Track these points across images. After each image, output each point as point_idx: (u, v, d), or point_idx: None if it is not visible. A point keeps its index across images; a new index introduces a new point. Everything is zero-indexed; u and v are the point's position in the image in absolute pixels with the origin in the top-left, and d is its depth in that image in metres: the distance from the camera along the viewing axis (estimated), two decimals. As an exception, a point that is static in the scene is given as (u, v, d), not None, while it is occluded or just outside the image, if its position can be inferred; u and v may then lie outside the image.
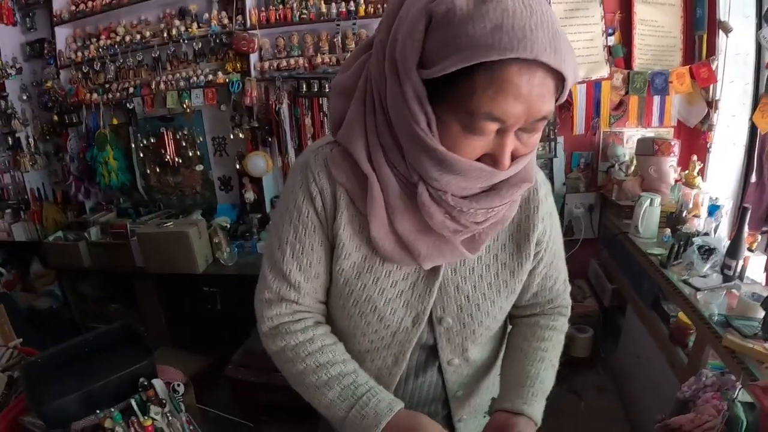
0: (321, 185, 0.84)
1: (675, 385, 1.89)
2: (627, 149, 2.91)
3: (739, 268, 2.11)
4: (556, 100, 0.69)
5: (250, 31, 2.99)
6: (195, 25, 3.09)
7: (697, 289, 2.01)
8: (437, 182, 0.74)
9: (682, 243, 2.32)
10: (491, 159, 0.70)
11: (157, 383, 1.32)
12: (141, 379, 1.34)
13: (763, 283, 2.18)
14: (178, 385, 1.34)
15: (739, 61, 2.74)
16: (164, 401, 1.26)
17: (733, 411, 1.42)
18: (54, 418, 1.25)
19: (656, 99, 2.87)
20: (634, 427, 2.55)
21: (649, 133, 2.95)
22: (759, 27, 2.68)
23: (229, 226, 3.21)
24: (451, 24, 0.62)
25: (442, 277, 0.90)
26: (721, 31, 2.72)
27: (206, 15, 3.10)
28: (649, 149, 2.61)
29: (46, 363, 1.45)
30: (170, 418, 1.22)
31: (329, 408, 0.87)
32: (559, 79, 0.65)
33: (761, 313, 1.68)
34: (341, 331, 0.97)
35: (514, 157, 0.72)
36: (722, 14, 2.70)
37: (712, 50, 2.80)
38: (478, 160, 0.71)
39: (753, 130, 2.69)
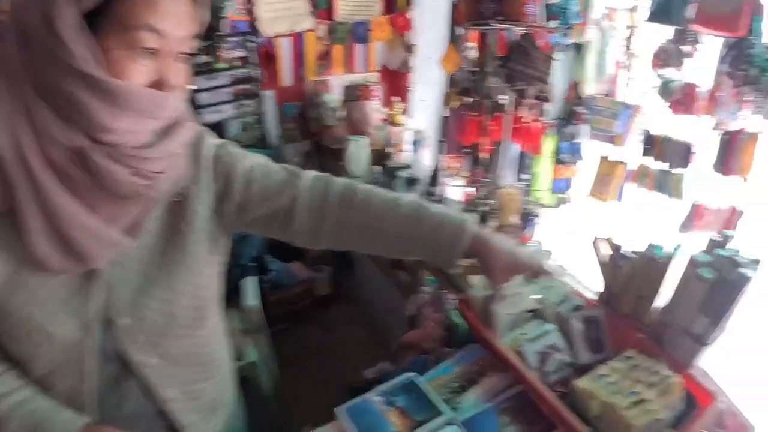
0: None
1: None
2: (335, 96, 3.04)
3: (440, 193, 2.32)
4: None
5: None
6: None
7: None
8: (109, 133, 0.69)
9: (388, 178, 2.48)
10: (158, 84, 0.71)
11: None
12: None
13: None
14: None
15: (436, 11, 3.03)
16: None
17: (450, 319, 1.58)
18: None
19: (359, 47, 3.04)
20: (385, 351, 2.69)
21: (356, 78, 3.11)
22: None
23: None
24: None
25: (102, 274, 0.80)
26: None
27: None
28: (352, 95, 2.76)
29: None
30: None
31: None
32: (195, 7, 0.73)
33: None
34: (17, 360, 0.83)
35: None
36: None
37: (409, 2, 3.05)
38: None
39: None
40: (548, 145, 3.92)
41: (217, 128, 2.83)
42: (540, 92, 2.18)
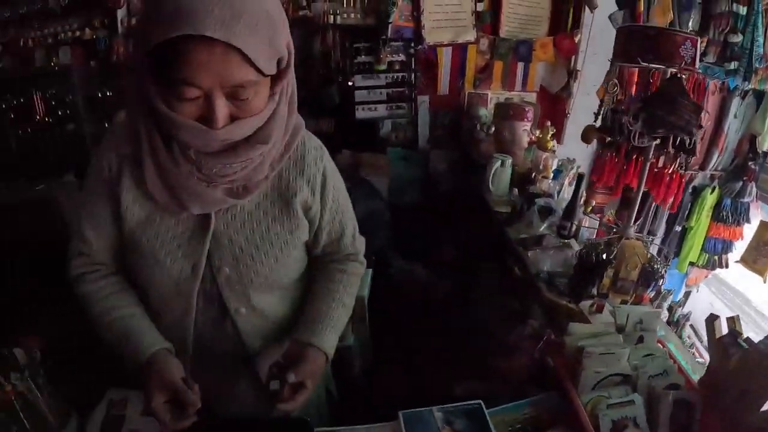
0: (110, 158, 0.97)
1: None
2: (489, 111, 2.98)
3: (573, 229, 2.15)
4: (261, 70, 0.79)
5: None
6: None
7: (526, 247, 2.11)
8: (178, 139, 0.86)
9: (526, 203, 2.37)
10: (204, 120, 0.81)
11: (17, 352, 1.29)
12: (0, 349, 1.33)
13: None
14: (35, 352, 1.31)
15: (604, 36, 2.79)
16: (23, 366, 1.21)
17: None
18: None
19: (520, 65, 2.95)
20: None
21: (513, 96, 3.00)
22: (619, 6, 2.76)
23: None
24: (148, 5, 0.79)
25: (213, 230, 0.99)
26: (586, 7, 2.81)
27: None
28: (505, 114, 2.67)
29: None
30: (30, 382, 1.15)
31: (112, 345, 1.00)
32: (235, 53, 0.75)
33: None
34: (140, 287, 1.07)
35: (234, 119, 0.83)
36: (590, -9, 2.78)
37: (577, 24, 2.91)
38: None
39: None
40: (709, 199, 3.46)
41: (370, 125, 2.96)
42: (684, 143, 1.79)
